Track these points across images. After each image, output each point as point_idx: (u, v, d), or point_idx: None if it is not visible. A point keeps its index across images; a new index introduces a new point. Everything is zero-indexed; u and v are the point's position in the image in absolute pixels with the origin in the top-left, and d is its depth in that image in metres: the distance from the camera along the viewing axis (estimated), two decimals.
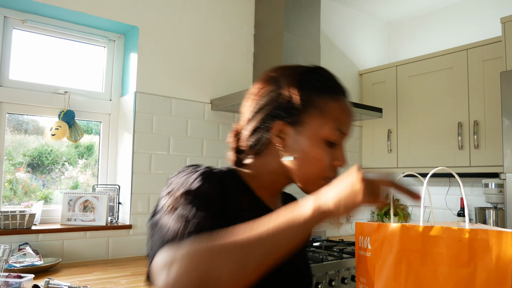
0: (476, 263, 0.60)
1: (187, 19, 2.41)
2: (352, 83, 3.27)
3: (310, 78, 0.82)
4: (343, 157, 0.80)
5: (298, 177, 0.81)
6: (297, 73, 0.83)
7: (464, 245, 0.60)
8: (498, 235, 0.59)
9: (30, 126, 2.17)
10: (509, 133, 2.13)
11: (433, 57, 2.83)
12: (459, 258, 0.60)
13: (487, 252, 0.59)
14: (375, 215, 3.36)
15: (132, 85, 2.24)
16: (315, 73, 0.83)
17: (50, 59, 2.20)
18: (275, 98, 0.81)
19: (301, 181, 0.81)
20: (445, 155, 2.71)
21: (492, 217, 2.55)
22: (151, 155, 2.23)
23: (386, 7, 3.28)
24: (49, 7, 2.02)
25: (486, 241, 0.59)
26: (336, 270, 2.15)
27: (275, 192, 0.87)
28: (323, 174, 0.79)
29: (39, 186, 2.19)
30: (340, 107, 0.80)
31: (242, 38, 2.65)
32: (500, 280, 0.58)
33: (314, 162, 0.78)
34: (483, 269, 0.59)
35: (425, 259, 0.62)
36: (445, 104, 2.75)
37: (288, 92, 0.81)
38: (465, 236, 0.60)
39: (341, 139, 0.81)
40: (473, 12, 3.02)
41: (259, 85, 0.85)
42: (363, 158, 3.28)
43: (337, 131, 0.79)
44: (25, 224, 1.91)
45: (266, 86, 0.84)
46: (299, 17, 2.57)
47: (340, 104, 0.81)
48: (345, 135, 0.81)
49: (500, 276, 0.58)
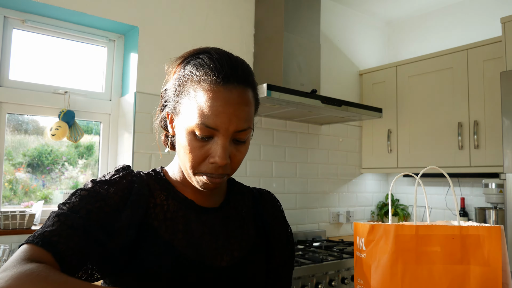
0: (469, 259, 0.60)
1: (187, 19, 2.42)
2: (352, 83, 3.27)
3: (190, 64, 0.75)
4: (218, 154, 0.71)
5: (183, 169, 0.78)
6: (182, 58, 0.78)
7: (456, 242, 0.61)
8: (488, 230, 0.60)
9: (30, 126, 2.17)
10: (509, 133, 2.13)
11: (433, 57, 2.83)
12: (453, 256, 0.61)
13: (479, 248, 0.60)
14: (375, 215, 3.36)
15: (132, 85, 2.24)
16: (197, 58, 0.75)
17: (50, 59, 2.20)
18: (167, 86, 0.81)
19: (186, 174, 0.77)
20: (445, 155, 2.71)
21: (492, 217, 2.55)
22: (151, 155, 2.24)
23: (386, 7, 3.28)
24: (49, 7, 2.02)
25: (477, 237, 0.60)
26: (336, 270, 2.15)
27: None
28: (196, 169, 0.74)
29: (39, 186, 2.19)
30: (210, 99, 0.70)
31: (242, 38, 2.65)
32: (492, 274, 0.59)
33: (185, 155, 0.74)
34: (476, 264, 0.60)
35: (420, 258, 0.62)
36: (445, 104, 2.75)
37: (171, 79, 0.79)
38: (457, 233, 0.61)
39: (214, 133, 0.71)
40: (473, 12, 3.02)
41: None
42: (363, 158, 3.28)
43: (202, 125, 0.70)
44: (25, 224, 1.92)
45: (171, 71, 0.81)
46: (299, 17, 2.57)
47: (212, 95, 0.70)
48: (218, 131, 0.71)
49: (492, 270, 0.59)
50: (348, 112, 2.49)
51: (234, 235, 0.82)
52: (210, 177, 0.74)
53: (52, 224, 0.67)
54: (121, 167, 0.81)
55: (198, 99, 0.71)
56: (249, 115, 0.74)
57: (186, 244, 0.76)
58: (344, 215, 3.11)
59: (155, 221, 0.76)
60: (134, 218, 0.73)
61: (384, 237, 0.66)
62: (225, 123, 0.70)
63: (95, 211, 0.70)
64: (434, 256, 0.62)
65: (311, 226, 2.93)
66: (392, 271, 0.64)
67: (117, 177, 0.77)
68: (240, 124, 0.72)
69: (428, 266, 0.62)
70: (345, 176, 3.19)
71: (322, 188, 3.02)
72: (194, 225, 0.78)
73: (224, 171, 0.74)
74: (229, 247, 0.80)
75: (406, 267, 0.63)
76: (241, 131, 0.72)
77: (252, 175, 2.63)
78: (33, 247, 0.63)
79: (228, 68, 0.72)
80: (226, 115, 0.70)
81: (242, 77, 0.73)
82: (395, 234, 0.64)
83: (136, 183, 0.78)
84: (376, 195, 3.42)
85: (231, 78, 0.71)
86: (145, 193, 0.78)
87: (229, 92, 0.70)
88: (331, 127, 3.11)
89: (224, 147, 0.71)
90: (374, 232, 0.68)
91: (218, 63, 0.72)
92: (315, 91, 2.34)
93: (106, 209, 0.72)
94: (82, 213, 0.69)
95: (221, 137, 0.71)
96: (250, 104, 0.74)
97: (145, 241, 0.74)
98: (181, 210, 0.79)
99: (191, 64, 0.75)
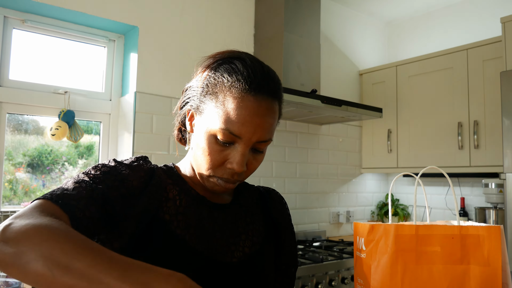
0: (469, 259, 0.60)
1: (187, 19, 2.42)
2: (352, 83, 3.27)
3: (223, 67, 0.75)
4: (236, 161, 0.72)
5: (196, 168, 0.79)
6: (215, 60, 0.78)
7: (456, 242, 0.61)
8: (488, 230, 0.60)
9: (30, 126, 2.17)
10: (509, 133, 2.13)
11: (433, 57, 2.83)
12: (453, 256, 0.61)
13: (479, 248, 0.60)
14: (375, 215, 3.36)
15: (132, 85, 2.24)
16: (231, 63, 0.75)
17: (50, 59, 2.20)
18: (192, 83, 0.82)
19: (198, 174, 0.78)
20: (445, 155, 2.71)
21: (492, 217, 2.55)
22: (151, 155, 2.24)
23: (386, 7, 3.28)
24: (49, 7, 2.02)
25: (477, 237, 0.60)
26: (336, 270, 2.15)
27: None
28: (212, 171, 0.75)
29: (39, 186, 2.19)
30: (239, 107, 0.71)
31: (242, 38, 2.65)
32: (492, 274, 0.59)
33: (203, 156, 0.74)
34: (476, 264, 0.60)
35: (420, 258, 0.62)
36: (445, 104, 2.75)
37: (198, 77, 0.80)
38: (457, 233, 0.61)
39: (236, 140, 0.72)
40: (473, 12, 3.02)
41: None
42: (363, 158, 3.28)
43: (225, 131, 0.71)
44: None
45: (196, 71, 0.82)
46: (299, 17, 2.57)
47: (241, 103, 0.71)
48: (240, 139, 0.72)
49: (492, 270, 0.59)
50: (348, 112, 2.49)
51: (245, 232, 0.84)
52: (224, 181, 0.75)
53: (72, 189, 0.66)
54: (140, 156, 0.81)
55: (226, 104, 0.71)
56: (273, 128, 0.76)
57: (197, 240, 0.76)
58: (344, 215, 3.11)
59: (166, 215, 0.76)
60: (149, 207, 0.74)
61: (384, 237, 0.66)
62: (249, 132, 0.71)
63: (114, 188, 0.71)
64: (434, 256, 0.62)
65: (311, 226, 2.93)
66: (392, 271, 0.64)
67: (136, 164, 0.77)
68: (263, 135, 0.73)
69: (428, 266, 0.62)
70: (345, 176, 3.19)
71: (322, 188, 3.02)
72: (206, 221, 0.79)
73: (239, 178, 0.76)
74: (240, 243, 0.81)
75: (406, 267, 0.63)
76: (262, 142, 0.74)
77: (252, 175, 2.61)
78: (51, 204, 0.62)
79: (261, 79, 0.73)
80: (252, 125, 0.71)
81: (273, 90, 0.74)
82: (395, 234, 0.64)
83: (155, 174, 0.78)
84: (376, 195, 3.42)
85: (262, 89, 0.72)
86: (161, 185, 0.78)
87: (258, 103, 0.71)
88: (331, 127, 3.11)
89: (244, 154, 0.73)
90: (374, 232, 0.68)
91: (252, 71, 0.73)
92: (315, 91, 2.34)
93: (123, 191, 0.72)
94: (102, 186, 0.69)
95: (242, 145, 0.72)
96: (275, 117, 0.76)
97: (156, 234, 0.73)
98: (193, 206, 0.79)
99: (223, 67, 0.75)
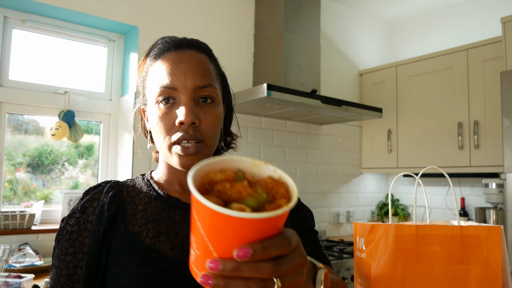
0: (469, 259, 0.60)
1: (187, 19, 2.41)
2: (352, 83, 3.27)
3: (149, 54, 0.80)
4: (182, 113, 0.71)
5: (160, 151, 0.78)
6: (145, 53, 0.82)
7: (456, 242, 0.61)
8: (488, 230, 0.60)
9: (30, 126, 2.17)
10: (509, 133, 2.13)
11: (433, 57, 2.83)
12: (453, 256, 0.61)
13: (479, 248, 0.60)
14: (375, 215, 3.36)
15: (132, 85, 2.24)
16: (153, 46, 0.80)
17: (50, 59, 2.20)
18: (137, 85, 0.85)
19: (164, 154, 0.77)
20: (445, 155, 2.71)
21: (492, 217, 2.55)
22: (151, 155, 2.23)
23: (386, 7, 3.28)
24: (49, 7, 2.02)
25: (477, 237, 0.60)
26: (336, 270, 2.15)
27: (182, 180, 0.81)
28: (168, 139, 0.73)
29: (39, 186, 2.19)
30: (163, 64, 0.74)
31: (242, 38, 2.65)
32: (492, 274, 0.59)
33: (157, 128, 0.74)
34: (476, 264, 0.60)
35: (420, 258, 0.62)
36: (445, 104, 2.75)
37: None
38: (457, 233, 0.61)
39: (174, 95, 0.73)
40: (473, 12, 3.02)
41: None
42: (363, 158, 3.28)
43: (160, 89, 0.73)
44: (25, 224, 1.92)
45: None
46: (299, 17, 2.57)
47: (164, 60, 0.75)
48: (176, 90, 0.72)
49: (492, 270, 0.59)
50: (348, 112, 2.49)
51: None
52: (183, 146, 0.72)
53: (52, 277, 0.74)
54: (91, 187, 0.81)
55: (155, 72, 0.75)
56: (207, 72, 0.75)
57: (170, 246, 0.73)
58: (344, 215, 3.11)
59: (135, 227, 0.74)
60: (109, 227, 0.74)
61: (384, 237, 0.66)
62: (180, 79, 0.72)
63: (77, 249, 0.73)
64: (434, 256, 0.62)
65: None
66: (392, 271, 0.64)
67: (84, 201, 0.78)
68: (197, 79, 0.72)
69: (428, 266, 0.62)
70: (345, 176, 3.19)
71: (322, 188, 3.02)
72: (178, 225, 0.76)
73: (195, 134, 0.72)
74: None
75: (406, 267, 0.63)
76: (202, 88, 0.73)
77: None
78: None
79: (180, 40, 0.77)
80: (180, 71, 0.72)
81: (193, 43, 0.77)
82: (395, 234, 0.64)
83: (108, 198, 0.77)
84: (376, 195, 3.42)
85: (182, 44, 0.76)
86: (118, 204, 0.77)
87: (181, 53, 0.74)
88: (331, 127, 3.11)
89: (187, 104, 0.71)
90: (374, 232, 0.68)
91: (169, 38, 0.78)
92: (315, 91, 2.34)
93: (85, 241, 0.73)
94: (68, 260, 0.73)
95: (182, 96, 0.72)
96: (205, 63, 0.76)
97: (126, 248, 0.72)
98: (165, 210, 0.77)
99: (149, 55, 0.80)
